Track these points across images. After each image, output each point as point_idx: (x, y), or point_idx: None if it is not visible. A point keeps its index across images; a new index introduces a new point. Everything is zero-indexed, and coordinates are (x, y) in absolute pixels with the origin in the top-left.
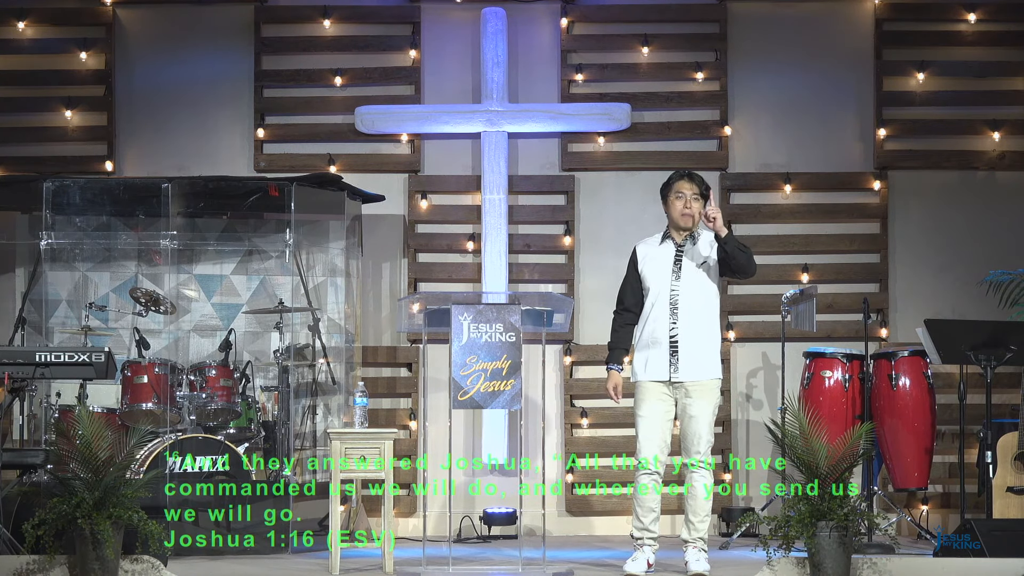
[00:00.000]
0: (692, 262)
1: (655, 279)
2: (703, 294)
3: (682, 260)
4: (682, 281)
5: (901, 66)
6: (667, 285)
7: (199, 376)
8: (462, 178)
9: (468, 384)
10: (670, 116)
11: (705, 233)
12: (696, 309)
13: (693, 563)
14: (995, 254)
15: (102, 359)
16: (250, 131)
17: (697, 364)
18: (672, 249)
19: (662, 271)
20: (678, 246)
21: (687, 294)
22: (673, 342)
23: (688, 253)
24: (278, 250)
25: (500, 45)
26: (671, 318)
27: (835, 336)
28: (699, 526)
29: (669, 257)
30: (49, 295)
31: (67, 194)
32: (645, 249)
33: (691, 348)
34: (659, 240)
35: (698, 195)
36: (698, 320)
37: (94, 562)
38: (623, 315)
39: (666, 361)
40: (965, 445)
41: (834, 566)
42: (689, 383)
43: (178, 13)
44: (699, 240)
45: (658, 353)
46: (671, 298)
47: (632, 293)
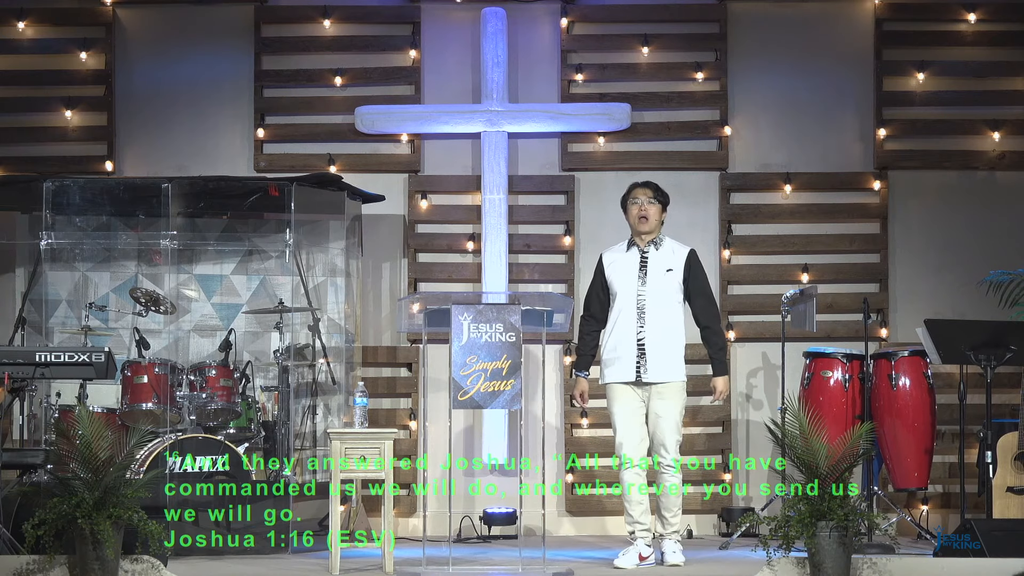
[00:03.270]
0: (657, 268)
1: (622, 285)
2: (668, 299)
3: (647, 266)
4: (648, 286)
5: (901, 66)
6: (634, 290)
7: (199, 376)
8: (462, 178)
9: (468, 384)
10: (670, 116)
11: (668, 241)
12: (662, 313)
13: (670, 555)
14: (995, 254)
15: (102, 359)
16: (250, 131)
17: (664, 366)
18: (637, 255)
19: (628, 277)
20: (643, 252)
21: (653, 298)
22: (641, 345)
23: (653, 259)
24: (278, 250)
25: (500, 45)
26: (639, 322)
27: (835, 336)
28: (672, 521)
29: (635, 263)
30: (49, 295)
31: (67, 194)
32: (611, 256)
33: (658, 351)
34: (625, 248)
35: (652, 199)
36: (664, 324)
37: (94, 562)
38: (589, 322)
39: (634, 364)
40: (965, 445)
41: (834, 566)
42: (657, 384)
43: (178, 13)
44: (662, 247)
45: (626, 356)
46: (638, 303)
47: (598, 300)
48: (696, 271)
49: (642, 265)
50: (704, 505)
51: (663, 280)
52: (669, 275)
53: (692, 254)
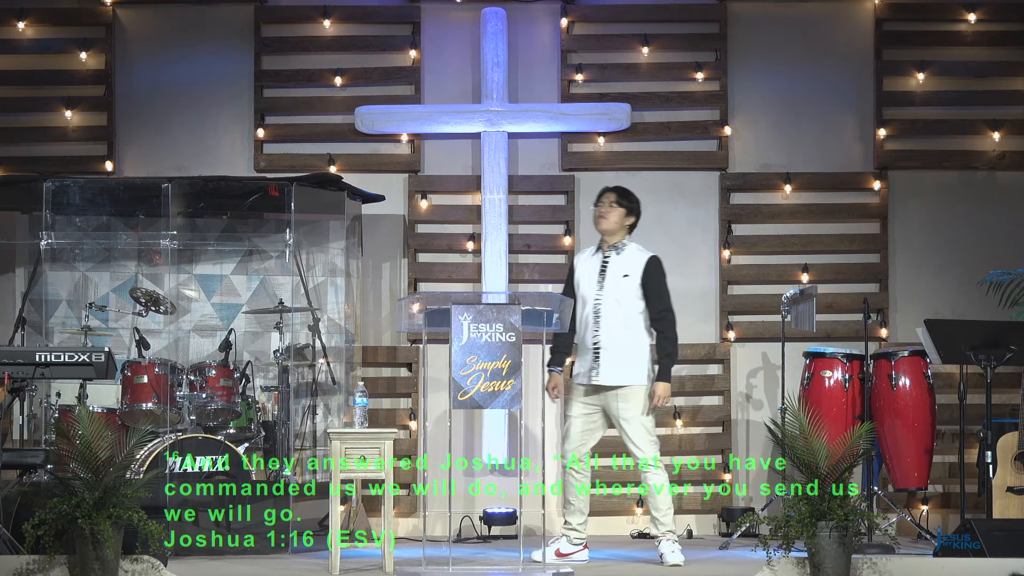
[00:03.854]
0: (615, 273)
1: (584, 288)
2: (625, 303)
3: (607, 270)
4: (604, 291)
5: (901, 66)
6: (592, 294)
7: (199, 376)
8: (462, 178)
9: (468, 384)
10: (670, 116)
11: (632, 246)
12: (617, 317)
13: (668, 555)
14: (995, 254)
15: (102, 359)
16: (250, 131)
17: (618, 370)
18: (599, 259)
19: (589, 280)
20: (605, 256)
21: (609, 303)
22: (596, 348)
23: (613, 264)
24: (278, 250)
25: (500, 45)
26: (595, 325)
27: (835, 336)
28: (664, 520)
29: (596, 267)
30: (49, 295)
31: (67, 194)
32: (580, 259)
33: (612, 355)
34: (593, 251)
35: (615, 203)
36: (620, 328)
37: (94, 562)
38: None
39: (589, 367)
40: (965, 445)
41: (834, 566)
42: (615, 389)
43: (178, 13)
44: (624, 252)
45: (585, 358)
46: (595, 306)
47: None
48: (654, 276)
49: (602, 269)
50: (704, 505)
51: (619, 285)
52: (626, 280)
53: (652, 260)
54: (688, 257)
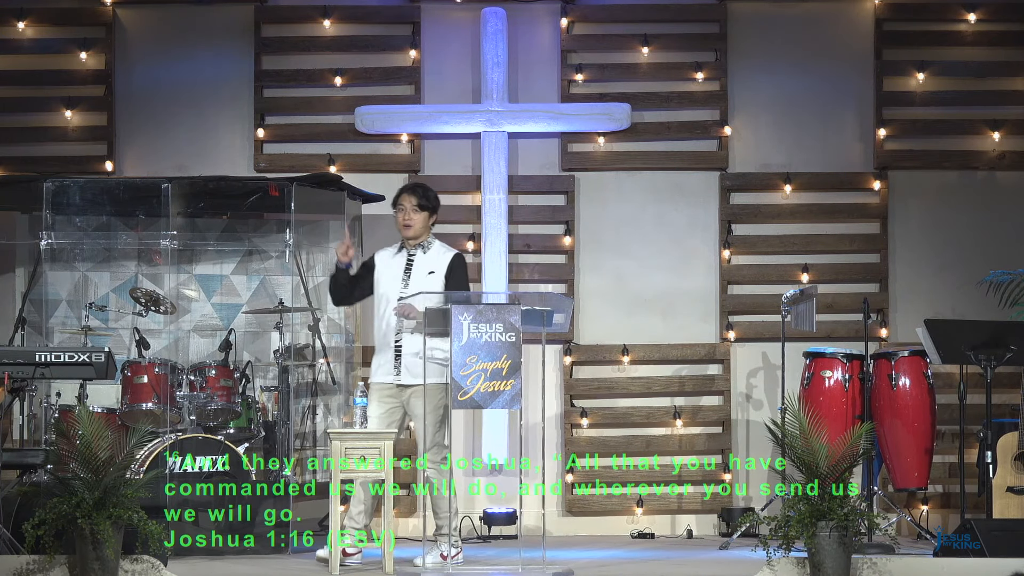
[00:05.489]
0: (421, 271)
1: (386, 285)
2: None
3: (411, 270)
4: (410, 289)
5: (901, 66)
6: (396, 292)
7: (199, 376)
8: (462, 178)
9: (468, 384)
10: (670, 116)
11: (437, 244)
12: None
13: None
14: (995, 254)
15: (102, 359)
16: (250, 131)
17: (419, 369)
18: (404, 258)
19: (392, 278)
20: (409, 255)
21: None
22: (398, 347)
23: (418, 262)
24: (278, 250)
25: (500, 45)
26: (397, 324)
27: (835, 336)
28: (439, 523)
29: (400, 266)
30: (49, 295)
31: (67, 194)
32: (381, 256)
33: (415, 353)
34: (396, 249)
35: (417, 207)
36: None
37: (94, 562)
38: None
39: (391, 365)
40: (965, 445)
41: (834, 566)
42: (412, 386)
43: (178, 13)
44: (430, 250)
45: (386, 357)
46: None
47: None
48: (457, 273)
49: (407, 268)
50: (704, 505)
51: (425, 283)
52: (431, 277)
53: (457, 257)
54: (688, 257)
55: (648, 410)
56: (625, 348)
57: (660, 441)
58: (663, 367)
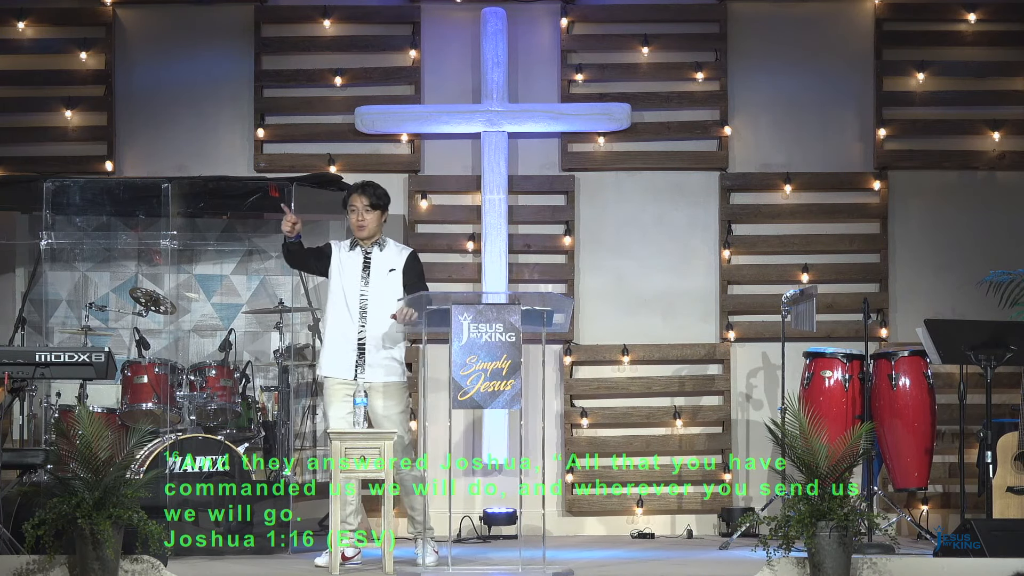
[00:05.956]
0: (381, 268)
1: (345, 283)
2: (391, 299)
3: (371, 266)
4: (371, 287)
5: (901, 66)
6: (356, 289)
7: (199, 376)
8: (462, 178)
9: (468, 384)
10: (670, 116)
11: (391, 242)
12: (383, 313)
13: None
14: (995, 254)
15: (102, 359)
16: (250, 131)
17: (383, 367)
18: (361, 256)
19: (352, 275)
20: (366, 252)
21: (376, 299)
22: (361, 344)
23: (376, 260)
24: (278, 250)
25: (500, 45)
26: (360, 321)
27: (835, 336)
28: (417, 520)
29: (358, 263)
30: (49, 295)
31: (67, 194)
32: (338, 249)
33: (377, 351)
34: (349, 246)
35: (369, 207)
36: (385, 325)
37: (94, 562)
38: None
39: (352, 362)
40: (965, 445)
41: (834, 566)
42: (376, 384)
43: (178, 13)
44: (386, 248)
45: (345, 353)
46: (360, 302)
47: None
48: (415, 268)
49: (365, 265)
50: (704, 505)
51: (386, 280)
52: (392, 275)
53: (412, 255)
54: (688, 257)
55: (648, 410)
56: (625, 348)
57: (660, 441)
58: (663, 367)
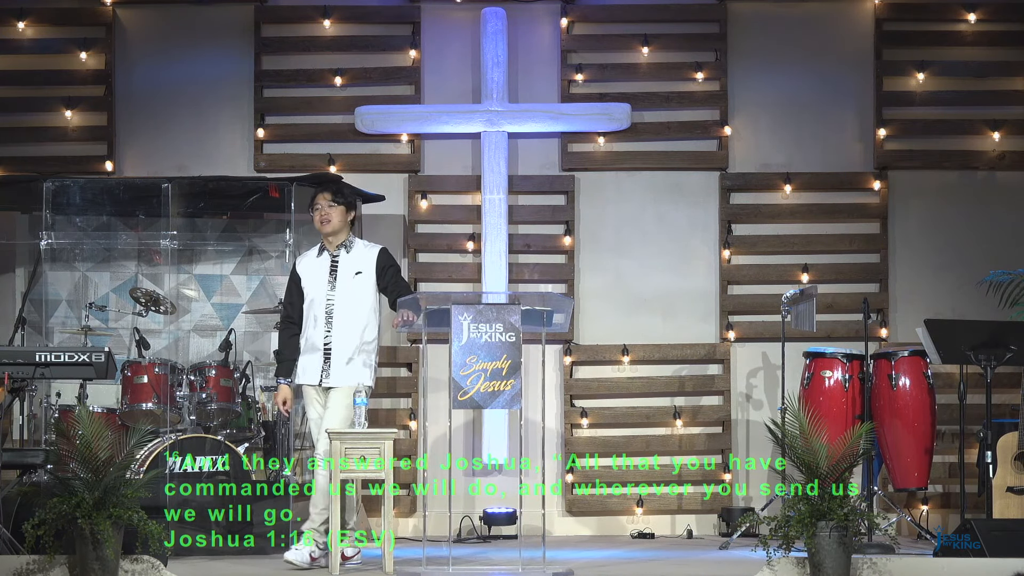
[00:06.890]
0: (347, 272)
1: (313, 288)
2: (358, 302)
3: (337, 270)
4: (337, 291)
5: (901, 66)
6: (323, 294)
7: (199, 376)
8: (462, 178)
9: (468, 384)
10: (670, 116)
11: (358, 243)
12: (350, 318)
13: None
14: (995, 254)
15: (102, 359)
16: (250, 131)
17: (346, 371)
18: (328, 260)
19: (319, 281)
20: (333, 256)
21: (342, 303)
22: (327, 349)
23: (343, 263)
24: (278, 250)
25: (500, 45)
26: (326, 327)
27: (835, 336)
28: (316, 518)
29: (325, 268)
30: (49, 295)
31: (67, 194)
32: (304, 262)
33: (341, 356)
34: (317, 252)
35: (332, 202)
36: (351, 328)
37: (94, 562)
38: (289, 327)
39: (319, 368)
40: (965, 445)
41: (834, 566)
42: (335, 388)
43: (178, 13)
44: (352, 249)
45: (313, 359)
46: (327, 307)
47: (294, 306)
48: (391, 268)
49: (332, 269)
50: (704, 505)
51: (352, 284)
52: (359, 278)
53: (383, 252)
54: (688, 257)
55: (648, 410)
56: (625, 348)
57: (660, 441)
58: (663, 367)
